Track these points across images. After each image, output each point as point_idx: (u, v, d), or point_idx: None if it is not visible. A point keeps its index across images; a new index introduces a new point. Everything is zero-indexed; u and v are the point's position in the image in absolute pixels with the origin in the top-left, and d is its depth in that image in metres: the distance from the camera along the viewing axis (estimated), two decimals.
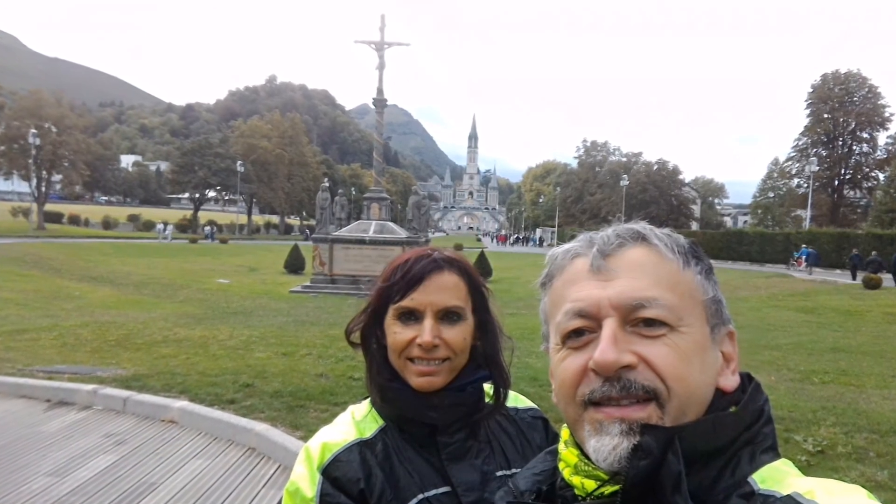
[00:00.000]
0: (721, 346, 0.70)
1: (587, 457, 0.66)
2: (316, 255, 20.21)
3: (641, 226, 0.71)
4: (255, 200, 73.50)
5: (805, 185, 52.08)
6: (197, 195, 69.55)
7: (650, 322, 0.64)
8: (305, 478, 0.97)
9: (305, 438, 4.51)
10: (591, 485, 0.66)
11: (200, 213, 71.71)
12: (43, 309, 13.53)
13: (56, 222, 55.62)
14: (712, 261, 0.72)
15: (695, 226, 68.58)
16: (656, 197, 64.76)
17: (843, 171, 54.24)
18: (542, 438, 1.13)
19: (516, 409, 1.16)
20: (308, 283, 20.16)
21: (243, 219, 72.01)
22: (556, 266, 0.74)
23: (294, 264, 26.42)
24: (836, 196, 54.52)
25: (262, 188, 68.03)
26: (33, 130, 44.54)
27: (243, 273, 26.27)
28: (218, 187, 71.00)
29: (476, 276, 1.09)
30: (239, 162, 62.09)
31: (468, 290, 1.06)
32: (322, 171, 74.65)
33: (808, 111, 55.39)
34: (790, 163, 58.43)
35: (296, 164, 71.83)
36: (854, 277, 26.02)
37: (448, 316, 1.02)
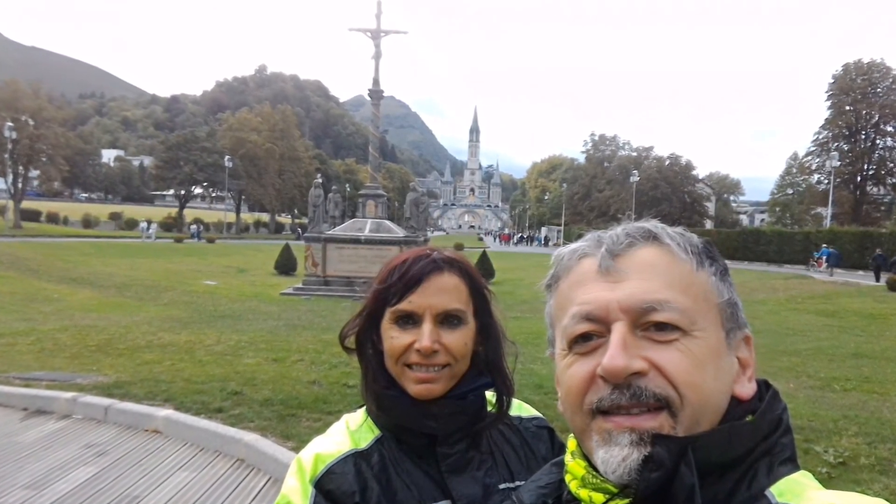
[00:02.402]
0: (737, 351, 0.70)
1: (595, 468, 0.66)
2: (308, 255, 20.22)
3: (653, 224, 0.71)
4: (243, 197, 73.55)
5: (826, 181, 52.07)
6: (182, 192, 69.55)
7: (662, 326, 0.64)
8: (297, 491, 0.97)
9: (297, 449, 4.50)
10: (599, 498, 0.66)
11: (186, 211, 71.70)
12: (19, 312, 13.54)
13: (33, 220, 55.55)
14: (728, 261, 0.72)
15: (709, 224, 68.65)
16: (668, 194, 64.86)
17: (865, 167, 54.20)
18: (548, 449, 1.14)
19: (520, 418, 1.16)
20: (300, 285, 20.17)
21: (231, 217, 72.01)
22: (562, 267, 0.74)
23: (285, 265, 26.42)
24: (858, 193, 54.49)
25: (251, 184, 68.07)
26: (9, 123, 44.49)
27: (231, 274, 26.26)
28: (205, 183, 71.05)
29: (478, 277, 1.09)
30: (227, 157, 62.09)
31: (469, 292, 1.06)
32: (315, 167, 74.67)
33: (828, 103, 55.37)
34: (810, 158, 58.43)
35: (287, 159, 71.84)
36: (878, 279, 26.03)
37: (448, 320, 1.02)
